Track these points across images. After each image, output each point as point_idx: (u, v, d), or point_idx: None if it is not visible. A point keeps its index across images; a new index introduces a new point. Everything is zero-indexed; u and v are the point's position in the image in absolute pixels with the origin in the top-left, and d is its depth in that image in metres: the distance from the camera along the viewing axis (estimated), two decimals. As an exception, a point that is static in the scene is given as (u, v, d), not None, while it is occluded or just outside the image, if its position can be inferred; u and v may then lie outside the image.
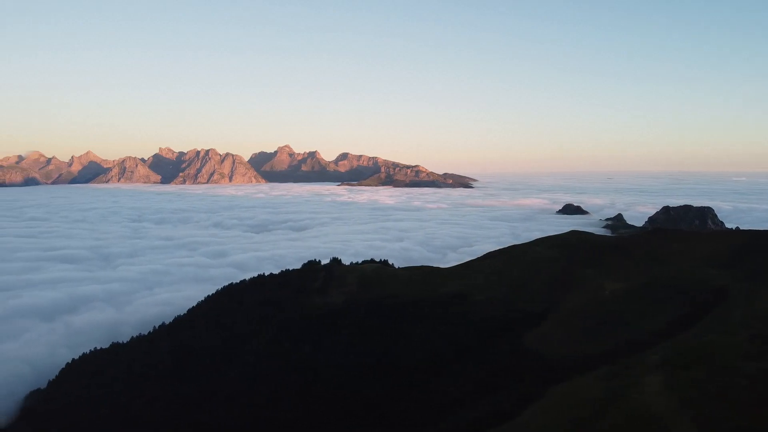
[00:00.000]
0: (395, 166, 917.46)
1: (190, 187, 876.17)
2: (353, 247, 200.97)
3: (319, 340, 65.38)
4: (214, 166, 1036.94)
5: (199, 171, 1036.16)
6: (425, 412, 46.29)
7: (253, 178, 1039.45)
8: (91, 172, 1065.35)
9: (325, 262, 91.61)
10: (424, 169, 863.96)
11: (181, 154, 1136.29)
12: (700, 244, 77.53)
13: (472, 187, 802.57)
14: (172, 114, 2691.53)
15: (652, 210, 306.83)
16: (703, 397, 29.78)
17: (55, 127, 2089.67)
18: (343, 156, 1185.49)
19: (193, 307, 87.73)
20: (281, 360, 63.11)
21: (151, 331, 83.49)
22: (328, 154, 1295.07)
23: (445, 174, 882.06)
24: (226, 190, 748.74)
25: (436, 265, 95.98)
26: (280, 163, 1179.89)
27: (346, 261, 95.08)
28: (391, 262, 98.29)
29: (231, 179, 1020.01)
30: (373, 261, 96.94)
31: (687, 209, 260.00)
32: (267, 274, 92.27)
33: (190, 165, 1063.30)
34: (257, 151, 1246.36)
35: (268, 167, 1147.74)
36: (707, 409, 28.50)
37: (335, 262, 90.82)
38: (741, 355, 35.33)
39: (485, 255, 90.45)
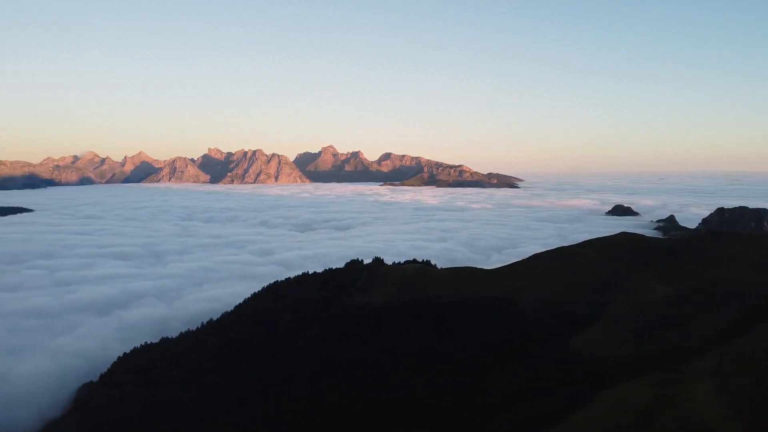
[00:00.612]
0: (438, 165, 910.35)
1: (237, 187, 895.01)
2: (396, 246, 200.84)
3: (361, 340, 65.77)
4: (261, 166, 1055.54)
5: (246, 171, 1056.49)
6: (468, 414, 45.85)
7: (297, 178, 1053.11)
8: (143, 171, 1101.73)
9: (367, 261, 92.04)
10: (468, 169, 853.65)
11: (229, 154, 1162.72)
12: (755, 248, 74.34)
13: (518, 187, 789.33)
14: (221, 115, 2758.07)
15: (705, 211, 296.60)
16: (755, 405, 28.73)
17: (109, 129, 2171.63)
18: (386, 156, 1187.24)
19: (239, 303, 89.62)
20: (323, 358, 63.85)
21: (199, 327, 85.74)
22: (371, 155, 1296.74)
23: (490, 174, 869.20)
24: (272, 190, 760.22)
25: (480, 266, 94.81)
26: (324, 163, 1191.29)
27: (389, 261, 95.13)
28: (433, 262, 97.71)
29: (277, 179, 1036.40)
30: (415, 261, 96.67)
31: (743, 211, 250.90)
32: (311, 273, 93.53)
33: (237, 165, 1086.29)
34: (302, 151, 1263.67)
35: (312, 167, 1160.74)
36: (760, 418, 27.52)
37: (378, 261, 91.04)
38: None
39: (531, 257, 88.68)
